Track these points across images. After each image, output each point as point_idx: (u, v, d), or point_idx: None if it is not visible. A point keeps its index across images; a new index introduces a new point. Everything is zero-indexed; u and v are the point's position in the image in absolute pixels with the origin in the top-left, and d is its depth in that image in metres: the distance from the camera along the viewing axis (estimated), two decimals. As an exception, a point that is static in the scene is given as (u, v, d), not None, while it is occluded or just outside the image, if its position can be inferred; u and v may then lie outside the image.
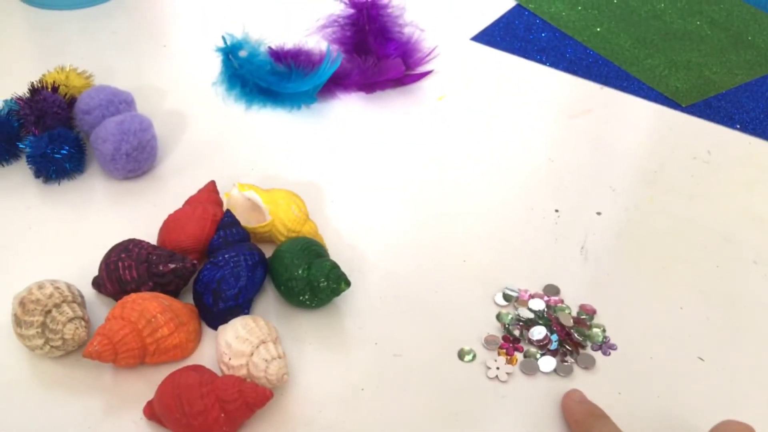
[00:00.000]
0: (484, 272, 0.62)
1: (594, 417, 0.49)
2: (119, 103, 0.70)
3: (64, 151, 0.66)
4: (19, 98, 0.70)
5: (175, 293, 0.57)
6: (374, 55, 0.85)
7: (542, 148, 0.75)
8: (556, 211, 0.67)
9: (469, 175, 0.71)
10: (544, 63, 0.88)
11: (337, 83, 0.82)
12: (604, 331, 0.57)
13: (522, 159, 0.73)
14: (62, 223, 0.64)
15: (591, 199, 0.69)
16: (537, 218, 0.67)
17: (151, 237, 0.61)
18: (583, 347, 0.55)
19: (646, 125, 0.79)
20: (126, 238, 0.59)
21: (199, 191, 0.63)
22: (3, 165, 0.69)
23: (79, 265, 0.60)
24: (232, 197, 0.63)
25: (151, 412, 0.49)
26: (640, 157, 0.74)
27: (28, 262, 0.61)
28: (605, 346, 0.56)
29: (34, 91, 0.70)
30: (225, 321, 0.55)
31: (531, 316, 0.57)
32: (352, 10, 0.89)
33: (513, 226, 0.66)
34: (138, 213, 0.66)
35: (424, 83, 0.84)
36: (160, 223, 0.62)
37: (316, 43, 0.87)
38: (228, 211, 0.60)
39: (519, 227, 0.66)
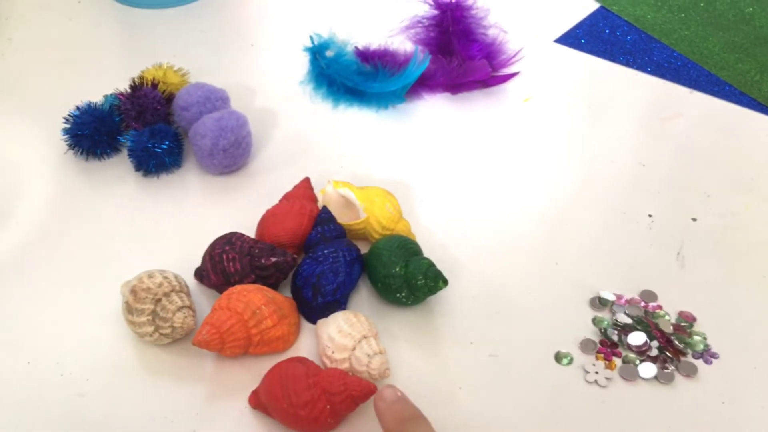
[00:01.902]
0: (577, 275, 0.61)
1: (404, 422, 0.43)
2: (216, 100, 0.71)
3: (164, 146, 0.68)
4: (120, 93, 0.72)
5: (275, 286, 0.58)
6: (458, 57, 0.85)
7: (632, 152, 0.74)
8: (650, 216, 0.66)
9: (558, 177, 0.71)
10: (630, 66, 0.87)
11: (423, 84, 0.82)
12: (705, 338, 0.56)
13: (612, 162, 0.73)
14: (161, 215, 0.66)
15: (685, 205, 0.68)
16: (630, 223, 0.66)
17: (245, 231, 0.62)
18: (684, 355, 0.54)
19: (740, 131, 0.77)
20: (221, 231, 0.60)
21: (295, 187, 0.65)
22: (104, 158, 0.72)
23: (178, 255, 0.62)
24: (326, 194, 0.64)
25: (256, 401, 0.50)
26: (735, 164, 0.72)
27: (131, 252, 0.63)
28: (706, 355, 0.55)
29: (134, 87, 0.72)
30: (323, 315, 0.56)
31: (629, 321, 0.57)
32: (436, 12, 0.89)
33: (605, 229, 0.65)
34: (232, 207, 0.67)
35: (509, 85, 0.84)
36: (254, 218, 0.63)
37: (401, 43, 0.88)
38: (324, 207, 0.61)
39: (612, 231, 0.65)
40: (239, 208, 0.67)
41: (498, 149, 0.75)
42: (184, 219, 0.66)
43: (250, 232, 0.63)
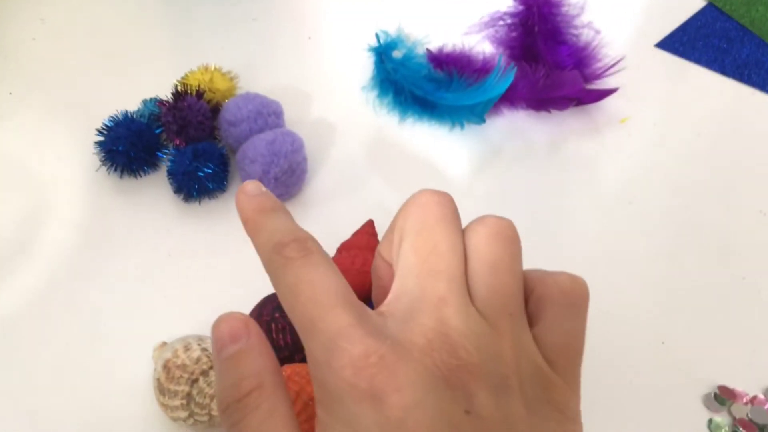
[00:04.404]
0: (689, 361, 0.51)
1: (263, 213, 0.31)
2: (268, 115, 0.62)
3: (208, 170, 0.59)
4: (161, 102, 0.63)
5: (330, 359, 0.49)
6: (543, 62, 0.73)
7: (753, 196, 0.62)
8: (775, 284, 0.56)
9: (662, 225, 0.60)
10: (745, 81, 0.75)
11: (503, 96, 0.71)
12: None
13: (727, 209, 0.62)
14: (202, 251, 0.58)
15: (817, 272, 0.57)
16: (750, 291, 0.56)
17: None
18: (824, 483, 0.45)
19: None
20: None
21: (356, 234, 0.55)
22: (140, 175, 0.63)
23: (219, 304, 0.53)
24: (393, 242, 0.55)
25: None
26: None
27: (167, 298, 0.55)
28: None
29: (177, 95, 0.63)
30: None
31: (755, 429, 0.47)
32: (520, 7, 0.77)
33: (721, 300, 0.55)
34: (283, 244, 0.59)
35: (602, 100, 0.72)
36: (307, 259, 0.55)
37: (478, 43, 0.77)
38: (391, 263, 0.52)
39: (729, 302, 0.55)
40: (290, 246, 0.58)
41: (590, 182, 0.64)
42: (227, 257, 0.58)
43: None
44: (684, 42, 0.80)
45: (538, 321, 0.26)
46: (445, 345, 0.23)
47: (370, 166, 0.65)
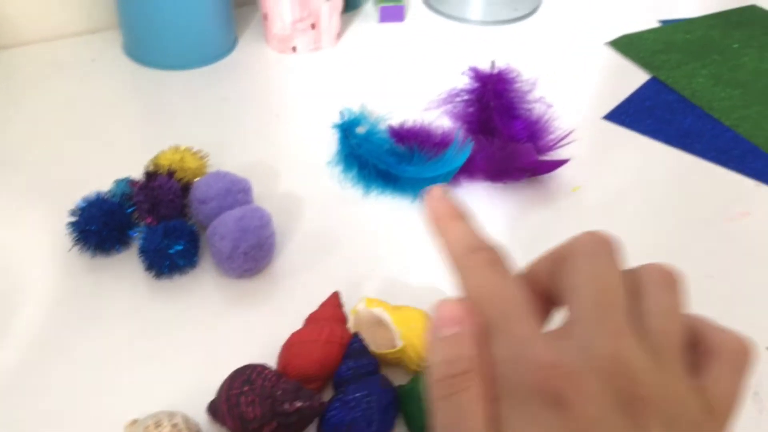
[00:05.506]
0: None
1: (453, 218, 0.31)
2: (237, 192, 0.65)
3: (179, 247, 0.61)
4: (133, 182, 0.66)
5: None
6: (499, 135, 0.78)
7: (698, 260, 0.66)
8: (721, 343, 0.59)
9: (615, 290, 0.64)
10: (688, 150, 0.80)
11: (461, 168, 0.75)
12: None
13: (674, 272, 0.65)
14: (173, 326, 0.60)
15: (763, 330, 0.60)
16: (698, 351, 0.58)
17: (266, 347, 0.56)
18: None
19: (815, 235, 0.69)
20: (240, 347, 0.55)
21: (323, 306, 0.58)
22: (113, 253, 0.65)
23: (191, 378, 0.55)
24: (358, 313, 0.57)
25: None
26: (813, 277, 0.65)
27: (139, 374, 0.56)
28: None
29: (149, 175, 0.65)
30: (353, 468, 0.49)
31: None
32: (476, 84, 0.82)
33: (671, 360, 0.58)
34: (253, 317, 0.60)
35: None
36: (276, 331, 0.57)
37: (437, 118, 0.81)
38: (356, 335, 0.54)
39: (679, 362, 0.58)
40: (260, 318, 0.60)
41: (545, 249, 0.67)
42: (198, 331, 0.59)
43: (272, 347, 0.56)
44: (630, 114, 0.85)
45: (704, 372, 0.27)
46: (625, 374, 0.25)
47: (336, 238, 0.68)
